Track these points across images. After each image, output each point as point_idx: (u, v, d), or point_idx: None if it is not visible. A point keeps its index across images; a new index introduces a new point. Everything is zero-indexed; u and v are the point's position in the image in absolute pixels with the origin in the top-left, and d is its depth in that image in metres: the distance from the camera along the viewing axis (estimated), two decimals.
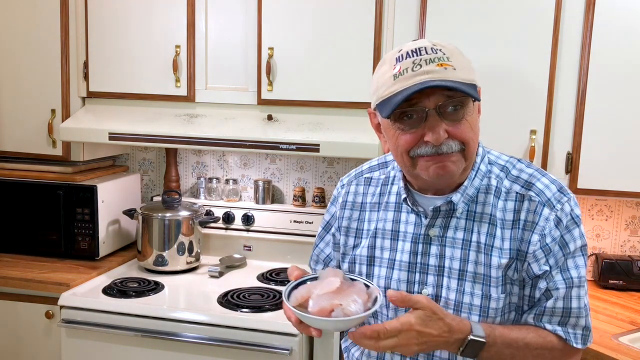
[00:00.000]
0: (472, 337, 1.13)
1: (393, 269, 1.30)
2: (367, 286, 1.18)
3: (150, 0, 2.41)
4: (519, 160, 1.31)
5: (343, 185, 1.45)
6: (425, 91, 1.14)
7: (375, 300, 1.14)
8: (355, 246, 1.38)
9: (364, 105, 2.26)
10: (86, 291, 2.24)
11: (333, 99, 2.28)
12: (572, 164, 2.14)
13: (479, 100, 1.19)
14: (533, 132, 2.13)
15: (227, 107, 2.41)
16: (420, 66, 1.14)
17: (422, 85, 1.12)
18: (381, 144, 1.29)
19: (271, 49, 2.30)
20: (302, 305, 1.14)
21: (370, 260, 1.34)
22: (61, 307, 2.17)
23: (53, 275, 2.33)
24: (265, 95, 2.34)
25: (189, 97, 2.43)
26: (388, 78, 1.17)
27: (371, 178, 1.40)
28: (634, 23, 2.04)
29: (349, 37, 2.24)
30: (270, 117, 2.34)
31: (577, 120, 2.12)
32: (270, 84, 2.32)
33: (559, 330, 1.23)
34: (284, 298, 1.17)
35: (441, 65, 1.14)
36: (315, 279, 1.21)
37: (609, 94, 2.08)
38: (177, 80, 2.41)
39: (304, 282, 1.21)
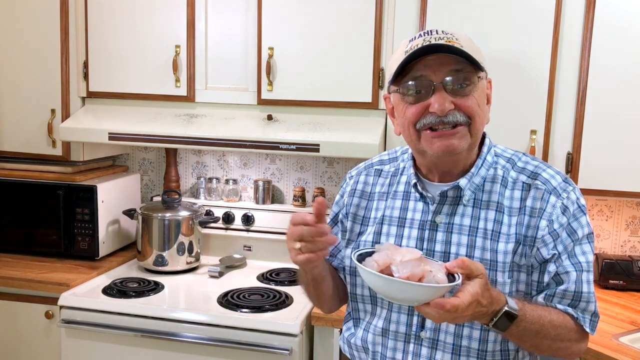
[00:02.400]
0: (507, 308, 1.13)
1: None
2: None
3: (150, 1, 2.41)
4: (523, 154, 1.35)
5: (351, 176, 1.48)
6: (432, 66, 1.20)
7: (449, 275, 1.10)
8: (360, 233, 1.40)
9: (364, 105, 2.26)
10: (86, 291, 2.24)
11: (333, 99, 2.28)
12: (572, 164, 2.14)
13: (482, 70, 1.23)
14: (533, 132, 2.13)
15: (227, 107, 2.41)
16: (430, 42, 1.20)
17: (427, 45, 1.18)
18: (394, 127, 1.34)
19: (271, 49, 2.30)
20: (383, 272, 1.08)
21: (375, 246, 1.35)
22: (61, 307, 2.17)
23: (53, 275, 2.32)
24: (265, 95, 2.34)
25: (189, 97, 2.43)
26: (400, 55, 1.23)
27: (381, 170, 1.44)
28: (634, 23, 2.04)
29: (349, 37, 2.24)
30: (270, 117, 2.34)
31: (577, 120, 2.12)
32: (270, 84, 2.32)
33: (570, 309, 1.25)
34: (355, 263, 1.13)
35: (450, 42, 1.20)
36: (372, 253, 1.17)
37: (609, 94, 2.08)
38: (177, 80, 2.41)
39: (366, 254, 1.17)
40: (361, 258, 1.16)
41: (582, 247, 1.27)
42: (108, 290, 2.24)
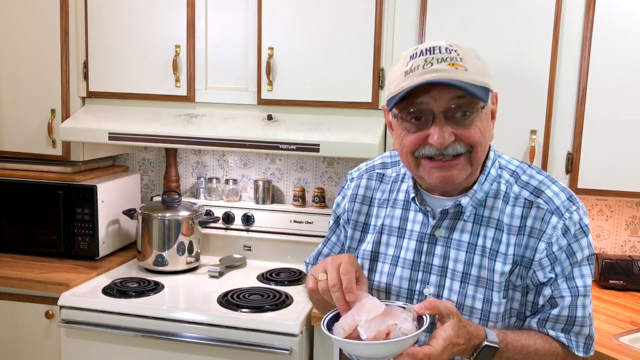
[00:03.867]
0: (486, 342, 1.12)
1: (396, 265, 1.30)
2: (403, 308, 1.14)
3: (150, 1, 2.41)
4: (529, 166, 1.30)
5: (352, 178, 1.44)
6: (433, 94, 1.13)
7: (420, 317, 1.09)
8: (360, 241, 1.38)
9: (364, 105, 2.26)
10: (86, 291, 2.24)
11: (333, 99, 2.28)
12: (572, 164, 2.14)
13: (485, 102, 1.17)
14: (533, 132, 2.13)
15: (227, 107, 2.41)
16: (432, 64, 1.13)
17: (427, 80, 1.11)
18: (392, 141, 1.29)
19: (271, 49, 2.30)
20: (351, 337, 1.08)
21: (374, 256, 1.34)
22: (61, 307, 2.17)
23: (53, 275, 2.32)
24: (265, 95, 2.34)
25: (189, 97, 2.43)
26: (400, 74, 1.16)
27: (384, 175, 1.39)
28: (634, 23, 2.04)
29: (349, 37, 2.24)
30: (270, 117, 2.34)
31: (577, 120, 2.12)
32: (270, 83, 2.32)
33: (562, 337, 1.24)
34: (325, 331, 1.12)
35: (452, 65, 1.13)
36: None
37: (609, 94, 2.08)
38: (177, 80, 2.41)
39: (331, 315, 1.16)
40: (334, 320, 1.15)
41: (581, 269, 1.23)
42: (108, 290, 2.23)
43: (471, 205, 1.25)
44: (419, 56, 1.15)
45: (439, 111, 1.14)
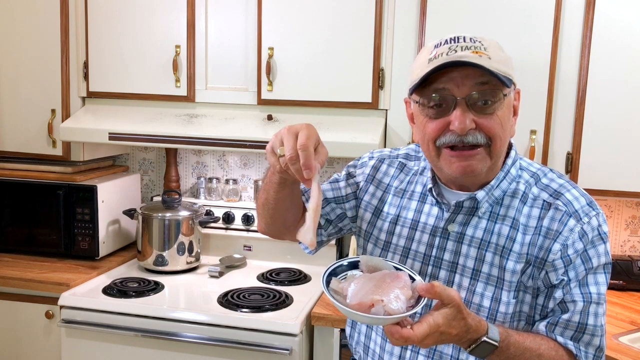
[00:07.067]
0: (485, 338, 1.10)
1: (407, 257, 1.30)
2: (412, 279, 1.12)
3: (150, 1, 2.41)
4: (550, 170, 1.30)
5: (372, 157, 1.44)
6: (456, 80, 1.14)
7: (419, 298, 1.07)
8: (370, 223, 1.38)
9: (364, 105, 2.26)
10: (86, 291, 2.24)
11: (333, 99, 2.28)
12: (572, 164, 2.14)
13: (508, 88, 1.17)
14: (533, 132, 2.13)
15: (227, 107, 2.41)
16: (455, 51, 1.14)
17: (450, 60, 1.12)
18: (413, 133, 1.32)
19: (271, 49, 2.30)
20: (341, 293, 1.09)
21: (386, 246, 1.34)
22: (61, 307, 2.17)
23: (53, 275, 2.33)
24: (265, 95, 2.34)
25: (189, 97, 2.43)
26: (423, 62, 1.18)
27: (405, 165, 1.39)
28: (634, 23, 2.04)
29: (349, 37, 2.24)
30: (270, 117, 2.34)
31: (577, 120, 2.12)
32: (270, 84, 2.32)
33: (571, 344, 1.20)
34: (322, 283, 1.11)
35: (476, 52, 1.14)
36: (357, 262, 1.16)
37: (609, 94, 2.08)
38: (177, 80, 2.41)
39: (342, 265, 1.16)
40: (351, 266, 1.16)
41: (596, 277, 1.20)
42: (108, 290, 2.23)
43: (487, 202, 1.24)
44: (444, 45, 1.17)
45: (461, 97, 1.15)
